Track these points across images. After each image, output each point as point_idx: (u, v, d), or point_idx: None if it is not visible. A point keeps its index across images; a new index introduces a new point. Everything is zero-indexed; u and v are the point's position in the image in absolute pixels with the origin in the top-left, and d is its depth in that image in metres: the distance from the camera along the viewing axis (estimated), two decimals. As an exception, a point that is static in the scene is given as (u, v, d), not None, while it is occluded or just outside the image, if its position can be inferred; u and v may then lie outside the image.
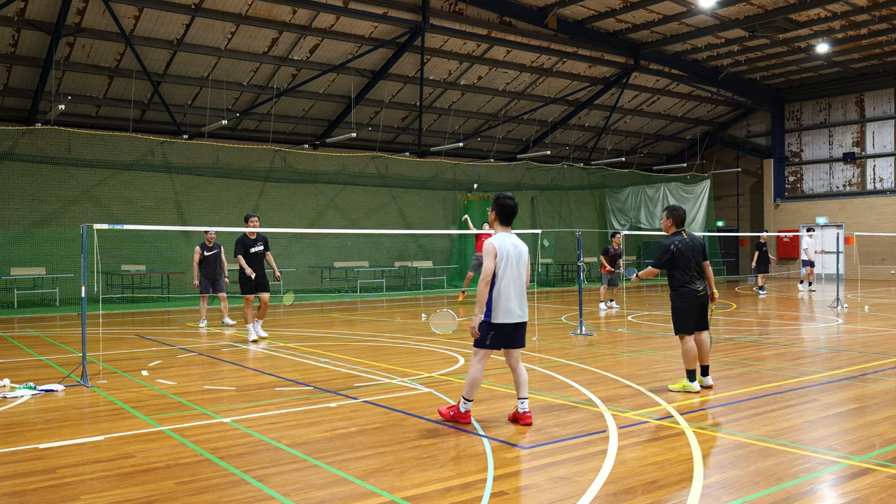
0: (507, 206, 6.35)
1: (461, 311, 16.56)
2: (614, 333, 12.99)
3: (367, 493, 4.63)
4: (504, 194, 6.41)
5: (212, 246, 14.66)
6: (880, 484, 4.70)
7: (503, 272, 6.17)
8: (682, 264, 7.68)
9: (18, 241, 19.96)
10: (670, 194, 31.63)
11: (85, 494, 4.66)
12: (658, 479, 4.83)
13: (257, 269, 12.19)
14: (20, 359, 10.57)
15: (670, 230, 7.92)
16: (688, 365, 7.64)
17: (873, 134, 30.39)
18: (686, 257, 7.68)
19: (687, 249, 7.69)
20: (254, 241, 12.19)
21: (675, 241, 7.73)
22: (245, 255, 12.13)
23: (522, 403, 6.29)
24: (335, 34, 21.54)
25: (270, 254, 12.50)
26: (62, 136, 20.11)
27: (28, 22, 18.30)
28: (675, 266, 7.72)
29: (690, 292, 7.67)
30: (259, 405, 7.25)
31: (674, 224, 7.89)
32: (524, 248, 6.38)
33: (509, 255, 6.21)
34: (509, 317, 6.17)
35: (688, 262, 7.68)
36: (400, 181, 26.67)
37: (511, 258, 6.22)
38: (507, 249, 6.22)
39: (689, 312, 7.68)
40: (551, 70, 26.25)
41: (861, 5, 22.05)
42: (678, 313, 7.74)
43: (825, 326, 13.95)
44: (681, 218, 7.93)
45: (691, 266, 7.70)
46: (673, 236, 7.82)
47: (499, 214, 6.38)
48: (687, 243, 7.72)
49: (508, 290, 6.17)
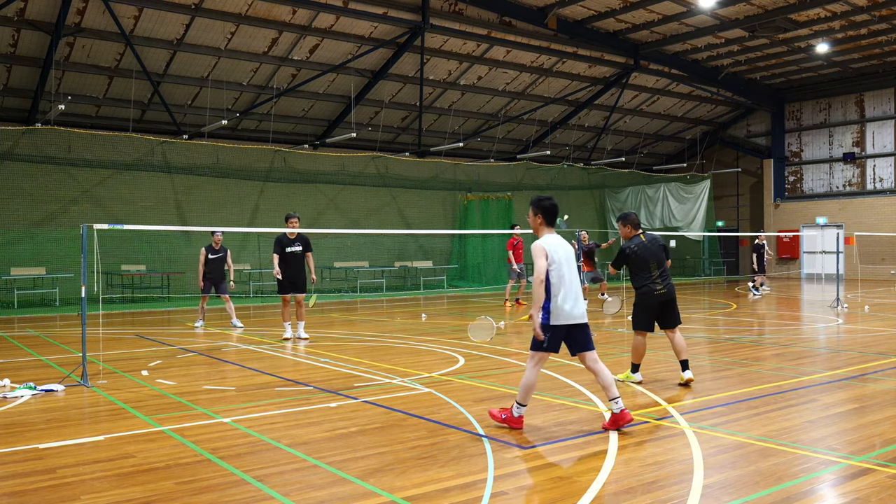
0: (552, 207, 6.31)
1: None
2: (614, 333, 12.98)
3: (367, 493, 4.63)
4: (543, 196, 6.39)
5: (218, 248, 14.51)
6: (880, 484, 4.70)
7: (556, 273, 6.07)
8: (639, 266, 8.04)
9: (18, 241, 19.96)
10: (670, 194, 31.63)
11: (85, 494, 4.66)
12: (658, 479, 4.83)
13: (294, 270, 12.11)
14: (20, 359, 10.57)
15: (629, 235, 8.25)
16: (635, 359, 8.12)
17: (873, 134, 30.39)
18: (643, 259, 8.01)
19: (643, 252, 8.02)
20: (292, 242, 12.14)
21: (632, 244, 8.11)
22: (281, 254, 12.08)
23: (616, 403, 6.06)
24: (335, 34, 21.54)
25: (311, 255, 12.45)
26: (62, 136, 20.11)
27: (28, 22, 18.30)
28: (632, 268, 8.11)
29: (649, 292, 8.00)
30: (259, 405, 7.25)
31: (632, 228, 8.24)
32: (570, 249, 6.34)
33: (559, 255, 6.14)
34: (567, 318, 6.06)
35: (645, 263, 8.01)
36: (400, 181, 26.67)
37: (561, 259, 6.14)
38: (555, 250, 6.15)
39: (646, 311, 8.06)
40: (551, 70, 26.25)
41: (861, 5, 22.05)
42: (636, 311, 8.16)
43: (825, 326, 13.95)
44: (635, 222, 8.29)
45: (649, 267, 8.02)
46: (630, 240, 8.18)
47: (544, 216, 6.31)
48: (644, 245, 8.05)
49: (560, 289, 6.07)
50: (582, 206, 32.33)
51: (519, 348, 11.06)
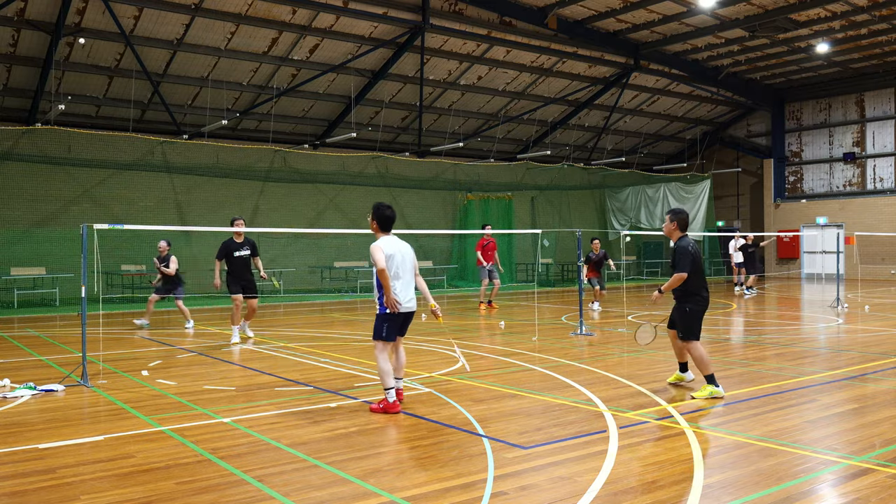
0: (386, 217, 7.13)
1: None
2: (614, 333, 12.98)
3: (367, 493, 4.63)
4: (383, 204, 7.22)
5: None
6: (880, 484, 4.70)
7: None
8: (698, 268, 7.47)
9: (18, 241, 19.96)
10: (670, 194, 31.62)
11: (85, 494, 4.66)
12: (658, 479, 4.83)
13: (244, 275, 11.99)
14: (20, 359, 10.57)
15: (675, 234, 7.66)
16: (706, 370, 7.36)
17: (873, 134, 30.38)
18: (701, 261, 7.54)
19: (698, 254, 7.52)
20: (239, 246, 11.92)
21: (690, 244, 7.49)
22: (229, 259, 11.92)
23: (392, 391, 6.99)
24: (335, 34, 21.54)
25: (259, 258, 12.26)
26: (62, 136, 20.11)
27: (28, 22, 18.30)
28: (696, 270, 7.43)
29: (705, 299, 7.52)
30: (259, 405, 7.25)
31: (678, 228, 7.64)
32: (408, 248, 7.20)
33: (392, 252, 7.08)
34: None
35: (701, 265, 7.51)
36: (400, 181, 26.67)
37: (395, 256, 7.08)
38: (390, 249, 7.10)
39: (700, 317, 7.56)
40: (551, 70, 26.24)
41: (861, 5, 22.05)
42: (692, 317, 7.49)
43: (825, 326, 13.95)
44: (685, 222, 7.69)
45: (703, 270, 7.53)
46: (682, 239, 7.58)
47: (378, 222, 7.18)
48: (697, 247, 7.56)
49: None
50: (582, 206, 32.33)
51: (519, 349, 11.06)
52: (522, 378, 8.45)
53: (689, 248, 7.45)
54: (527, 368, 9.23)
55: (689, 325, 7.51)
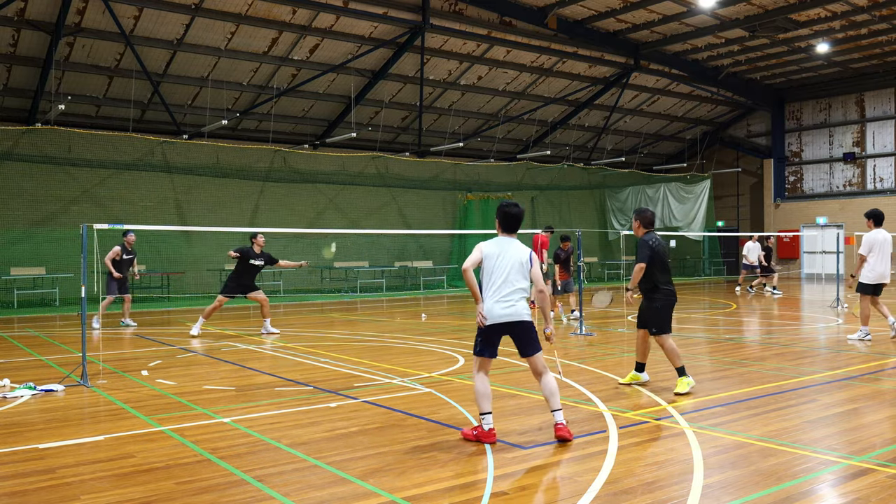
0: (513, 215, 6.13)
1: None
2: (614, 333, 12.98)
3: (367, 493, 4.63)
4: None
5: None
6: (880, 484, 4.70)
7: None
8: (662, 262, 7.70)
9: (18, 241, 19.96)
10: (670, 194, 31.63)
11: (85, 494, 4.66)
12: (658, 479, 4.83)
13: (247, 280, 13.29)
14: (20, 359, 10.57)
15: (640, 231, 7.89)
16: (677, 362, 7.58)
17: (873, 134, 30.39)
18: (665, 255, 7.74)
19: (662, 248, 7.74)
20: (257, 256, 13.21)
21: (653, 239, 7.72)
22: (244, 262, 13.13)
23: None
24: (335, 34, 21.54)
25: (280, 261, 13.75)
26: (62, 136, 20.11)
27: (28, 22, 18.30)
28: (657, 264, 7.65)
29: (671, 292, 7.74)
30: (259, 405, 7.25)
31: (641, 225, 7.87)
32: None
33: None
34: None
35: (666, 259, 7.75)
36: (400, 181, 26.68)
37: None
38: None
39: (670, 311, 7.74)
40: (551, 70, 26.24)
41: (861, 5, 22.05)
42: (660, 312, 7.68)
43: (825, 326, 13.95)
44: (649, 220, 7.90)
45: (668, 264, 7.78)
46: (648, 235, 7.79)
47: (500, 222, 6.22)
48: (661, 242, 7.77)
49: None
50: (582, 206, 32.34)
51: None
52: (522, 378, 8.45)
53: (650, 242, 7.69)
54: (527, 368, 9.21)
55: (660, 321, 7.69)
